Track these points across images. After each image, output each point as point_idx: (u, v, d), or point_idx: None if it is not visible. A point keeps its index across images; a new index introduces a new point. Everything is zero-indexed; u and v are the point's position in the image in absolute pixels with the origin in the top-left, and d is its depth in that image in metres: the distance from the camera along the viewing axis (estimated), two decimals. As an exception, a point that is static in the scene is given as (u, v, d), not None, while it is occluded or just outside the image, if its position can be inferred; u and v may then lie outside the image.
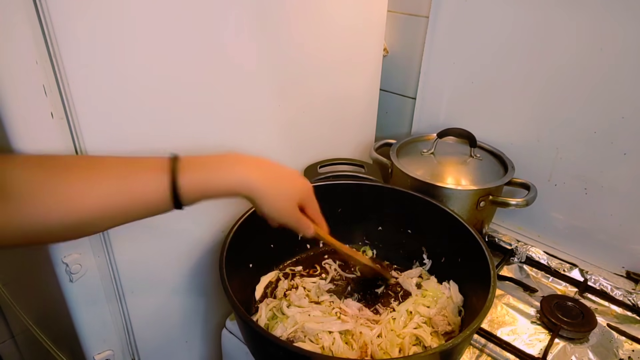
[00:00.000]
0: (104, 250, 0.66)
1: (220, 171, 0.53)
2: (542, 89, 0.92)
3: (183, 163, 0.50)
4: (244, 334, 0.69)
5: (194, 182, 0.50)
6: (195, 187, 0.51)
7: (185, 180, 0.49)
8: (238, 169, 0.54)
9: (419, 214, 0.85)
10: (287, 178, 0.59)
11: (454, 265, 0.82)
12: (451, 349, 0.58)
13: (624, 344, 0.76)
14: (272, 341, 0.57)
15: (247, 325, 0.59)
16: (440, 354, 0.58)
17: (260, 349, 0.65)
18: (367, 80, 1.03)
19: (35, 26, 0.50)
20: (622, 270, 0.93)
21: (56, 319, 0.72)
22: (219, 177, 0.52)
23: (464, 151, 0.97)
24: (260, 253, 0.83)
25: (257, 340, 0.64)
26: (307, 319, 0.71)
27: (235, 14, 0.69)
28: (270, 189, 0.56)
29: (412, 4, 1.05)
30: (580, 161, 0.91)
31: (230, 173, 0.53)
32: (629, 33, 0.79)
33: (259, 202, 0.56)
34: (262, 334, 0.59)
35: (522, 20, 0.90)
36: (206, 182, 0.52)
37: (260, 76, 0.78)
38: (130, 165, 0.50)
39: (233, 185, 0.53)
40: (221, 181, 0.52)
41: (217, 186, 0.52)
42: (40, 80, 0.52)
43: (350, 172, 0.94)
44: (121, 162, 0.50)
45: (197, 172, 0.51)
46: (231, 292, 0.62)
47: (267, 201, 0.56)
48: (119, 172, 0.48)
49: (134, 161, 0.51)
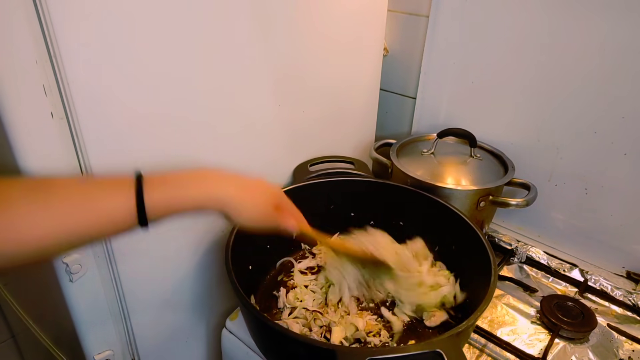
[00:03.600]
0: (104, 250, 0.66)
1: (188, 188, 0.52)
2: (542, 89, 0.92)
3: (149, 181, 0.50)
4: (253, 329, 0.70)
5: (160, 199, 0.50)
6: (162, 205, 0.50)
7: (151, 198, 0.48)
8: (206, 185, 0.54)
9: (409, 205, 0.88)
10: (257, 187, 0.59)
11: (448, 255, 0.84)
12: (462, 331, 0.59)
13: (624, 344, 0.76)
14: (288, 336, 0.58)
15: (256, 319, 0.60)
16: (457, 335, 0.59)
17: (273, 346, 0.66)
18: (367, 79, 1.03)
19: (35, 26, 0.50)
20: (622, 270, 0.93)
21: (56, 319, 0.72)
22: (186, 194, 0.52)
23: (464, 151, 0.97)
24: (259, 253, 0.83)
25: (270, 337, 0.64)
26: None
27: (235, 14, 0.69)
28: (243, 200, 0.56)
29: (412, 4, 1.05)
30: (580, 161, 0.91)
31: (197, 189, 0.53)
32: (629, 33, 0.79)
33: (235, 214, 0.56)
34: (277, 329, 0.60)
35: (522, 20, 0.90)
36: (172, 199, 0.51)
37: (260, 76, 0.78)
38: (92, 186, 0.49)
39: (201, 201, 0.53)
40: (188, 198, 0.52)
41: (183, 203, 0.52)
42: (40, 80, 0.52)
43: (341, 169, 0.95)
44: (81, 184, 0.49)
45: (163, 189, 0.50)
46: (238, 286, 0.63)
47: (243, 213, 0.56)
48: (77, 196, 0.47)
49: (96, 182, 0.50)
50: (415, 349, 0.53)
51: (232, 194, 0.55)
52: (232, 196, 0.55)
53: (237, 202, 0.55)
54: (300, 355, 0.60)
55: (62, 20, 0.51)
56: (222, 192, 0.54)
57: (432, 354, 0.53)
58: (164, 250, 0.75)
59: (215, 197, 0.54)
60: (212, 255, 0.82)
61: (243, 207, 0.56)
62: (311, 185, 0.88)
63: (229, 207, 0.55)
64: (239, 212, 0.56)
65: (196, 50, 0.67)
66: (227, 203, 0.54)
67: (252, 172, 0.58)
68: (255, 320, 0.65)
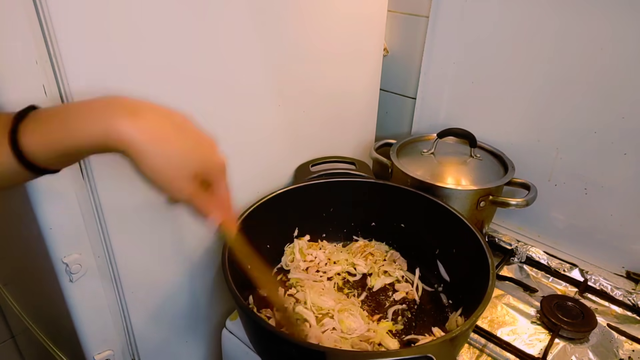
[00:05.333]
0: (104, 250, 0.66)
1: (81, 121, 0.40)
2: (542, 89, 0.92)
3: (32, 117, 0.41)
4: (249, 329, 0.70)
5: (43, 139, 0.40)
6: (47, 146, 0.40)
7: (30, 139, 0.40)
8: (106, 116, 0.40)
9: (409, 207, 0.88)
10: (188, 139, 0.45)
11: (448, 256, 0.84)
12: (458, 335, 0.59)
13: (624, 344, 0.76)
14: (281, 337, 0.58)
15: (252, 321, 0.60)
16: (451, 340, 0.59)
17: (268, 347, 0.66)
18: (367, 80, 1.03)
19: (35, 26, 0.50)
20: (622, 270, 0.93)
21: (56, 319, 0.72)
22: (78, 128, 0.40)
23: (464, 151, 0.97)
24: (259, 253, 0.83)
25: (264, 337, 0.64)
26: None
27: (235, 14, 0.69)
28: (153, 144, 0.41)
29: (412, 4, 1.05)
30: (580, 161, 0.91)
31: (94, 122, 0.40)
32: (629, 33, 0.79)
33: (137, 160, 0.41)
34: (272, 331, 0.60)
35: (523, 20, 0.90)
36: (60, 136, 0.40)
37: (260, 76, 0.78)
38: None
39: (97, 137, 0.40)
40: (81, 134, 0.40)
41: (76, 140, 0.40)
42: (40, 80, 0.52)
43: (342, 170, 0.95)
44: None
45: (47, 126, 0.40)
46: (234, 288, 0.62)
47: (147, 160, 0.41)
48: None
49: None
50: (407, 353, 0.53)
51: (141, 132, 0.40)
52: (140, 135, 0.40)
53: (145, 144, 0.41)
54: (293, 356, 0.60)
55: (62, 20, 0.51)
56: (127, 127, 0.40)
57: (423, 359, 0.52)
58: (164, 250, 0.75)
59: (117, 134, 0.40)
60: (212, 255, 0.82)
61: (152, 156, 0.41)
62: (313, 186, 0.88)
63: (132, 149, 0.40)
64: (144, 161, 0.41)
65: (196, 50, 0.67)
66: (125, 142, 0.40)
67: (253, 173, 0.55)
68: (250, 321, 0.65)
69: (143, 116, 0.42)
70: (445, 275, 0.84)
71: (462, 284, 0.79)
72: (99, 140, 0.40)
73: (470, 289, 0.76)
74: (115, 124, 0.40)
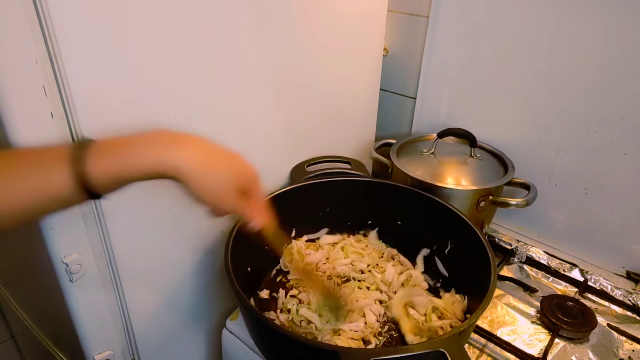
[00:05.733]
0: (104, 250, 0.66)
1: (138, 151, 0.46)
2: (542, 89, 0.92)
3: (94, 148, 0.45)
4: (253, 330, 0.70)
5: (106, 168, 0.45)
6: (109, 173, 0.45)
7: (95, 168, 0.44)
8: (159, 147, 0.47)
9: (407, 205, 0.88)
10: (225, 159, 0.52)
11: (448, 255, 0.84)
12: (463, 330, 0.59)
13: (624, 344, 0.76)
14: (290, 337, 0.58)
15: (259, 321, 0.60)
16: (459, 334, 0.59)
17: (275, 347, 0.66)
18: (367, 79, 1.03)
19: (35, 26, 0.50)
20: (622, 270, 0.93)
21: (56, 319, 0.72)
22: (136, 158, 0.46)
23: (464, 151, 0.97)
24: (259, 253, 0.83)
25: (271, 337, 0.65)
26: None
27: (234, 14, 0.69)
28: (201, 169, 0.48)
29: (412, 4, 1.05)
30: (580, 161, 0.91)
31: (149, 153, 0.46)
32: (629, 33, 0.79)
33: (188, 184, 0.48)
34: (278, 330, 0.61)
35: (522, 20, 0.90)
36: (121, 165, 0.46)
37: (260, 76, 0.78)
38: (29, 159, 0.45)
39: (153, 166, 0.46)
40: (139, 163, 0.46)
41: (134, 169, 0.46)
42: (40, 80, 0.52)
43: (339, 169, 0.95)
44: (18, 158, 0.46)
45: (109, 156, 0.46)
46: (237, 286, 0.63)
47: (198, 183, 0.48)
48: (13, 170, 0.44)
49: (35, 153, 0.46)
50: (419, 348, 0.53)
51: (188, 160, 0.47)
52: (188, 162, 0.47)
53: (194, 170, 0.48)
54: (303, 356, 0.60)
55: (62, 20, 0.51)
56: (177, 156, 0.47)
57: (435, 354, 0.53)
58: (164, 250, 0.75)
59: (169, 162, 0.47)
60: (212, 255, 0.82)
61: (197, 178, 0.48)
62: (309, 186, 0.88)
63: (184, 175, 0.47)
64: (195, 184, 0.48)
65: (196, 50, 0.67)
66: (181, 170, 0.47)
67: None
68: (257, 322, 0.65)
69: (185, 146, 0.48)
70: (443, 271, 0.85)
71: (462, 280, 0.79)
72: (155, 169, 0.47)
73: (470, 284, 0.76)
74: (167, 155, 0.47)
